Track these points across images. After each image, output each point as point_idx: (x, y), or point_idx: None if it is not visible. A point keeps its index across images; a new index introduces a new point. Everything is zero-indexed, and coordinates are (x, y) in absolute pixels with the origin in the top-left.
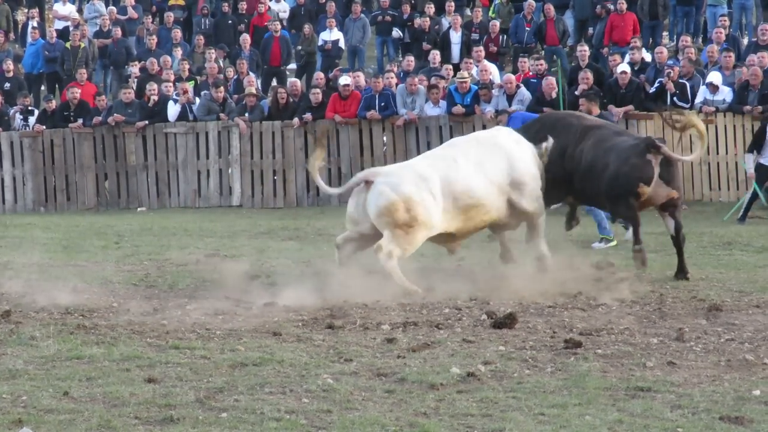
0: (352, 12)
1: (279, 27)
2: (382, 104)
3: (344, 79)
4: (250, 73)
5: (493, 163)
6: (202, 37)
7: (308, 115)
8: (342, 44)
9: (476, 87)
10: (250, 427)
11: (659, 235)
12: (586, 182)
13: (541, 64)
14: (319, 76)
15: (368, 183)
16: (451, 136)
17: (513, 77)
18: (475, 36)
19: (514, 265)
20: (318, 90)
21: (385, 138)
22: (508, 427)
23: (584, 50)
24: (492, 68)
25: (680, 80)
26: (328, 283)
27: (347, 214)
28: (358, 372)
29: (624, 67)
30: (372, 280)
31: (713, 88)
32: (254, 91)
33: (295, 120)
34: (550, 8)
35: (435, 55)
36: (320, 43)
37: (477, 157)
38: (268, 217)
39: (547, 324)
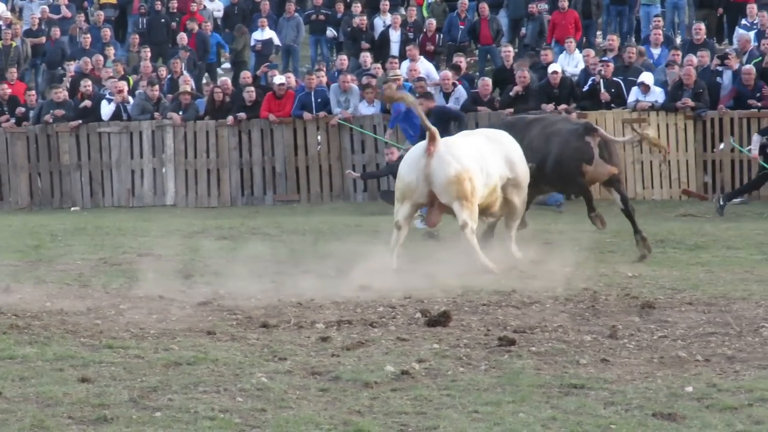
0: (285, 11)
1: (196, 26)
2: (319, 100)
3: (279, 79)
4: (185, 72)
5: (503, 157)
6: (137, 36)
7: (242, 114)
8: (276, 42)
9: (410, 84)
10: (184, 426)
11: (592, 233)
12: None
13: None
14: (245, 75)
15: (430, 151)
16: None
17: (450, 74)
18: (409, 35)
19: (449, 264)
20: (252, 89)
21: (319, 137)
22: (442, 425)
23: (508, 51)
24: (428, 67)
25: (614, 78)
26: (264, 281)
27: (405, 182)
28: (292, 371)
29: (555, 67)
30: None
31: (645, 89)
32: (189, 89)
33: (229, 118)
34: (485, 7)
35: (366, 57)
36: (252, 42)
37: (493, 148)
38: (202, 216)
39: (481, 322)
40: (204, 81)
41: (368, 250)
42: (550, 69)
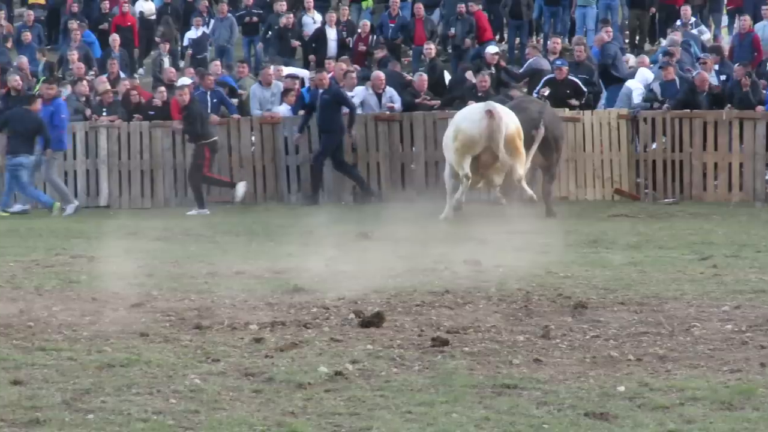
0: (218, 11)
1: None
2: (215, 101)
3: (183, 80)
4: (122, 74)
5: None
6: (78, 33)
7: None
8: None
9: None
10: (117, 428)
11: (525, 234)
12: None
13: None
14: (169, 70)
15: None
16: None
17: (382, 75)
18: (343, 33)
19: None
20: (163, 89)
21: (253, 138)
22: (376, 425)
23: (430, 49)
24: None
25: (570, 77)
26: (197, 282)
27: (469, 137)
28: (225, 372)
29: (494, 48)
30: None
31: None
32: (108, 87)
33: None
34: (420, 7)
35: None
36: (186, 42)
37: None
38: (136, 217)
39: (414, 322)
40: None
41: (302, 251)
42: (491, 50)
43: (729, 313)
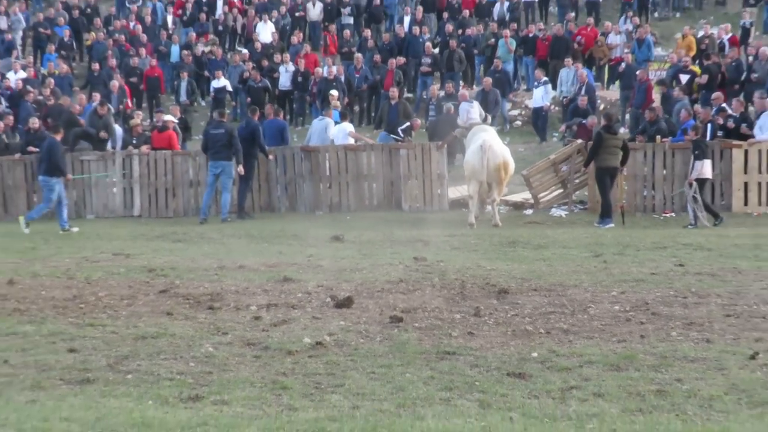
0: (231, 61)
1: None
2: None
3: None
4: None
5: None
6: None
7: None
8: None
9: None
10: (149, 385)
11: (461, 237)
12: None
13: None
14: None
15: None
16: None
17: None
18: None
19: (355, 260)
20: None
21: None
22: (348, 383)
23: (394, 92)
24: None
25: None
26: (209, 274)
27: (471, 166)
28: (232, 342)
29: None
30: None
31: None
32: (138, 122)
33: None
34: (393, 62)
35: None
36: (211, 90)
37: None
38: (161, 224)
39: (376, 304)
40: None
41: (289, 249)
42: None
43: (616, 297)
